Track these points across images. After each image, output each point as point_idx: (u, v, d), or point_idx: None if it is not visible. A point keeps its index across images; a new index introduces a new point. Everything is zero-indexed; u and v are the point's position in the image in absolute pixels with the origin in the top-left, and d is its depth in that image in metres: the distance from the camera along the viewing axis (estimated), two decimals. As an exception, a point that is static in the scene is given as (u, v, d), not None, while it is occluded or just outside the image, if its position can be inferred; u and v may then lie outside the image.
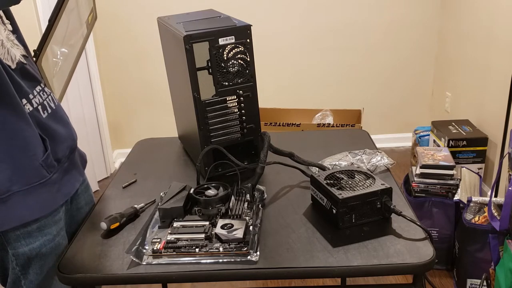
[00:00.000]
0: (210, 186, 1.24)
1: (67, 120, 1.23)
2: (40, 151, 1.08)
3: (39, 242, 1.10)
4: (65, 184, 1.16)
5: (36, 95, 1.12)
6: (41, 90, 1.15)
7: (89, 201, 1.35)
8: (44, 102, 1.14)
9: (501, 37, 2.54)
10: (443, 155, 2.21)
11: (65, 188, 1.16)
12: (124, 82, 3.42)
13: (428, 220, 2.17)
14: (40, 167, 1.08)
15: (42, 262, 1.12)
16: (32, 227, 1.09)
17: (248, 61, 1.29)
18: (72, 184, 1.20)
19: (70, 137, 1.22)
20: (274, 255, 1.05)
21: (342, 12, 3.33)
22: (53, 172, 1.12)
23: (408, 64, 3.48)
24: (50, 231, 1.12)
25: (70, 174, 1.20)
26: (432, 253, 1.03)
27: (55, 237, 1.14)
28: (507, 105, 2.40)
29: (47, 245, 1.12)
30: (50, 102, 1.17)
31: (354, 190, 1.13)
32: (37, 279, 1.13)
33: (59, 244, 1.15)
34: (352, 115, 3.17)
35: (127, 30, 3.29)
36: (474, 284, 2.03)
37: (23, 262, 1.10)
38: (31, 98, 1.10)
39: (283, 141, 1.62)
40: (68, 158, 1.20)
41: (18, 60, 1.10)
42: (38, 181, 1.08)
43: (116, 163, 3.51)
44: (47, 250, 1.12)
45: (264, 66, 3.39)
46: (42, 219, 1.10)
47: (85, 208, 1.33)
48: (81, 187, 1.30)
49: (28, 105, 1.08)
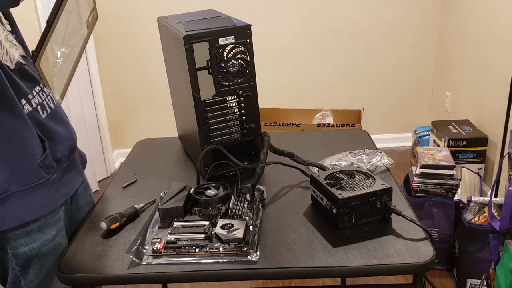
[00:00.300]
0: (210, 186, 1.24)
1: (66, 120, 1.23)
2: (38, 152, 1.08)
3: (38, 242, 1.10)
4: (64, 184, 1.16)
5: (35, 95, 1.12)
6: (40, 90, 1.15)
7: (89, 201, 1.35)
8: (44, 103, 1.14)
9: (501, 37, 2.54)
10: (443, 155, 2.21)
11: (64, 188, 1.16)
12: (124, 82, 3.42)
13: (428, 220, 2.17)
14: (39, 167, 1.08)
15: (42, 262, 1.12)
16: (32, 227, 1.09)
17: (248, 61, 1.29)
18: (71, 185, 1.20)
19: (69, 137, 1.22)
20: (274, 255, 1.05)
21: (342, 12, 3.33)
22: (52, 172, 1.12)
23: (408, 64, 3.48)
24: (50, 231, 1.12)
25: (69, 174, 1.20)
26: (432, 253, 1.03)
27: (55, 237, 1.14)
28: (507, 105, 2.40)
29: (47, 245, 1.12)
30: (49, 102, 1.17)
31: (354, 190, 1.13)
32: (37, 279, 1.12)
33: (59, 244, 1.15)
34: (352, 115, 3.17)
35: (127, 30, 3.29)
36: (474, 284, 2.03)
37: (23, 262, 1.10)
38: (30, 99, 1.10)
39: (283, 141, 1.62)
40: (68, 158, 1.20)
41: (17, 60, 1.10)
42: (37, 182, 1.08)
43: (116, 163, 3.51)
44: (47, 250, 1.12)
45: (264, 66, 3.39)
46: (41, 219, 1.10)
47: (85, 208, 1.33)
48: (80, 187, 1.30)
49: (27, 105, 1.08)
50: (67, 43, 1.19)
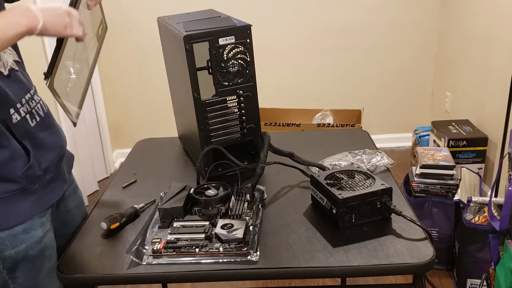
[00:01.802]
0: (210, 186, 1.24)
1: (56, 126, 1.21)
2: (21, 163, 1.07)
3: (25, 245, 1.08)
4: (46, 193, 1.14)
5: (24, 103, 1.10)
6: (30, 98, 1.12)
7: (78, 203, 1.33)
8: (33, 111, 1.12)
9: (501, 37, 2.54)
10: (443, 155, 2.21)
11: (45, 198, 1.14)
12: (124, 82, 3.42)
13: (428, 220, 2.17)
14: (20, 178, 1.06)
15: (30, 264, 1.10)
16: (17, 229, 1.07)
17: (248, 61, 1.29)
18: (54, 194, 1.18)
19: (58, 144, 1.20)
20: (274, 255, 1.05)
21: (342, 12, 3.33)
22: (35, 182, 1.10)
23: (408, 64, 3.47)
24: (36, 233, 1.10)
25: (53, 183, 1.17)
26: (432, 253, 1.03)
27: (42, 239, 1.12)
28: (507, 105, 2.40)
29: (34, 247, 1.10)
30: (39, 110, 1.14)
31: (354, 190, 1.13)
32: (26, 282, 1.10)
33: (46, 246, 1.13)
34: (352, 115, 3.17)
35: (127, 30, 3.29)
36: (474, 284, 2.03)
37: (10, 265, 1.08)
38: (19, 107, 1.08)
39: (283, 141, 1.62)
40: (56, 167, 1.18)
41: (10, 66, 1.08)
42: (16, 190, 1.07)
43: (116, 163, 3.51)
44: (34, 253, 1.10)
45: (264, 66, 3.38)
46: (27, 221, 1.08)
47: (75, 210, 1.31)
48: (68, 190, 1.28)
49: (16, 114, 1.06)
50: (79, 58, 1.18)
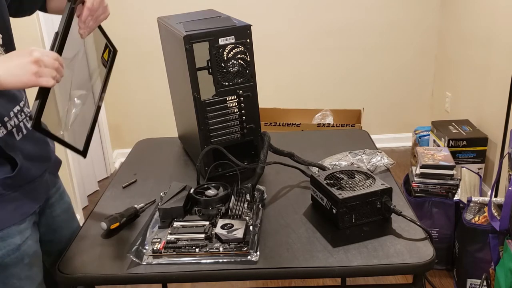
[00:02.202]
0: (210, 186, 1.24)
1: (44, 139, 1.19)
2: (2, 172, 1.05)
3: (1, 252, 1.05)
4: (26, 203, 1.12)
5: (12, 117, 1.08)
6: (20, 110, 1.11)
7: (66, 209, 1.31)
8: (20, 124, 1.10)
9: (501, 37, 2.54)
10: (443, 155, 2.21)
11: (24, 207, 1.12)
12: (124, 82, 3.42)
13: (428, 220, 2.17)
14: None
15: (8, 272, 1.08)
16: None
17: (248, 61, 1.29)
18: (33, 204, 1.15)
19: (45, 156, 1.18)
20: (274, 255, 1.05)
21: (342, 12, 3.33)
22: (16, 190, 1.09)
23: (408, 64, 3.47)
24: (13, 240, 1.07)
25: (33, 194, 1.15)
26: (432, 253, 1.03)
27: (20, 247, 1.09)
28: (507, 105, 2.40)
29: (10, 255, 1.07)
30: (27, 123, 1.13)
31: (354, 190, 1.13)
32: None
33: (25, 253, 1.10)
34: (352, 115, 3.17)
35: (127, 30, 3.28)
36: (474, 284, 2.03)
37: None
38: (6, 121, 1.06)
39: (283, 141, 1.62)
40: (40, 176, 1.16)
41: None
42: None
43: (116, 163, 3.51)
44: (11, 260, 1.07)
45: (264, 66, 3.38)
46: (4, 228, 1.06)
47: (62, 215, 1.29)
48: (55, 196, 1.26)
49: (2, 128, 1.05)
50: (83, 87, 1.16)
